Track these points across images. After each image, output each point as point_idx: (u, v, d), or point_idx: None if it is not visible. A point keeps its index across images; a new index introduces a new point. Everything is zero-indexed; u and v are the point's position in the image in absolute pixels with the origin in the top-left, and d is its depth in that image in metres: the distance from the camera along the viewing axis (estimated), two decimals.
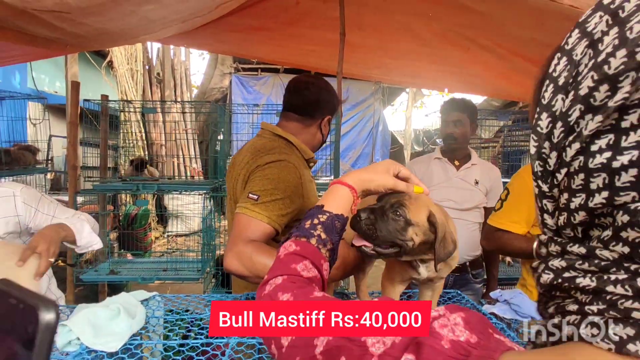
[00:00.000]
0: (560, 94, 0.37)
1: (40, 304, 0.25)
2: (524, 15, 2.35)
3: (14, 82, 6.30)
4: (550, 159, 0.38)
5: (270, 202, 1.16)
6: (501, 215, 1.59)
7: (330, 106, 1.45)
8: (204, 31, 3.17)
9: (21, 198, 1.37)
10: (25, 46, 2.56)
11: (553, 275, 0.39)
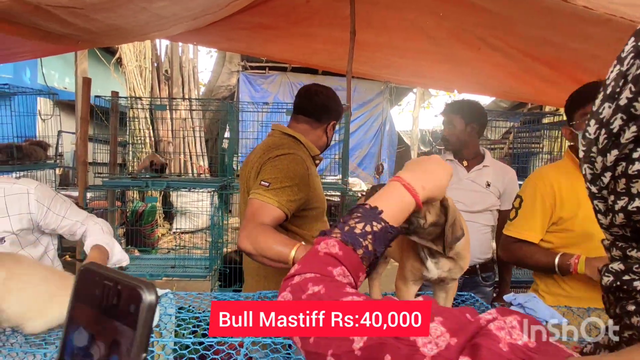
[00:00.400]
0: (607, 102, 0.38)
1: (142, 286, 0.27)
2: (536, 15, 2.33)
3: (24, 77, 6.36)
4: (597, 163, 0.40)
5: (280, 189, 1.27)
6: (517, 224, 1.55)
7: (336, 113, 1.61)
8: (213, 29, 3.18)
9: (34, 196, 1.37)
10: (37, 42, 2.58)
11: (613, 278, 0.41)
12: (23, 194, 1.35)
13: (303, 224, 1.45)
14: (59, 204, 1.43)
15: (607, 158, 0.38)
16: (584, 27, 2.12)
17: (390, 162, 8.00)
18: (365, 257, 0.59)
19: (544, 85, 3.18)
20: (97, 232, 1.44)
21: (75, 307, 0.30)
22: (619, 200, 0.38)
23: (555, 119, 3.95)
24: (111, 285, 0.28)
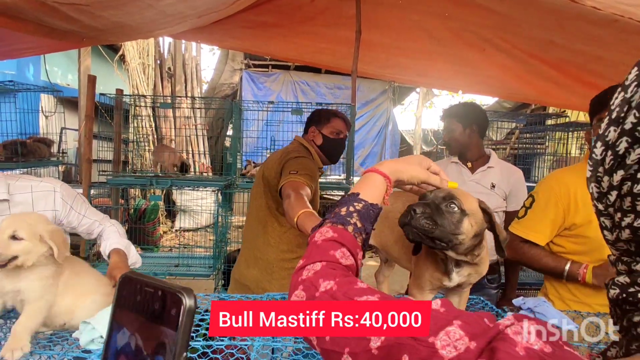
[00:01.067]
0: (612, 126, 0.42)
1: (182, 291, 0.30)
2: (542, 16, 2.32)
3: (27, 74, 6.36)
4: (604, 182, 0.43)
5: (305, 175, 1.58)
6: (525, 223, 1.52)
7: (312, 120, 1.96)
8: (217, 27, 3.17)
9: (60, 194, 1.41)
10: (42, 38, 2.57)
11: (619, 290, 0.44)
12: (50, 191, 1.39)
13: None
14: (79, 203, 1.48)
15: (613, 178, 0.41)
16: (589, 28, 2.11)
17: None
18: (357, 233, 0.64)
19: (548, 87, 3.17)
20: (114, 235, 1.47)
21: (117, 312, 0.33)
22: (625, 217, 0.41)
23: (559, 121, 3.94)
24: (152, 291, 0.31)
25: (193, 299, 0.30)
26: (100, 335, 0.88)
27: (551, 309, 1.01)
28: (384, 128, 7.83)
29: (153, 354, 0.30)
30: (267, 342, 0.88)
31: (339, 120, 1.96)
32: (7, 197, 1.33)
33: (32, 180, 1.42)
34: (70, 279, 1.08)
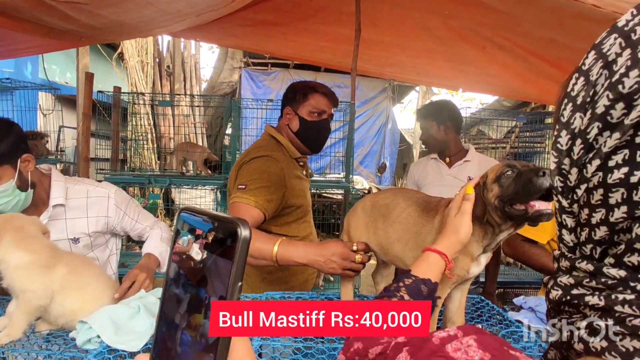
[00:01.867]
0: (578, 112, 0.39)
1: (238, 222, 0.30)
2: (543, 14, 2.31)
3: (25, 72, 6.33)
4: (571, 175, 0.40)
5: (256, 189, 1.31)
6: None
7: (286, 98, 1.58)
8: (216, 25, 3.16)
9: (114, 200, 1.43)
10: (40, 38, 2.56)
11: (561, 292, 0.41)
12: (104, 197, 1.42)
13: (284, 224, 1.46)
14: (132, 208, 1.50)
15: (587, 169, 0.38)
16: (590, 26, 2.10)
17: (392, 160, 7.98)
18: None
19: (549, 85, 3.16)
20: (155, 239, 1.48)
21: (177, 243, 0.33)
22: (594, 213, 0.38)
23: None
24: (209, 222, 0.32)
25: (248, 229, 0.30)
26: (97, 334, 0.88)
27: None
28: (384, 127, 7.82)
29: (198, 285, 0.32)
30: (266, 342, 0.87)
31: (319, 96, 1.52)
32: (64, 202, 1.36)
33: (90, 185, 1.44)
34: (70, 278, 1.07)
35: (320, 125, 1.53)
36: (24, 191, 1.28)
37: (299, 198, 1.47)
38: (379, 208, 1.00)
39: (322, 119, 1.53)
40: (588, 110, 0.38)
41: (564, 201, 0.41)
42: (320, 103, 1.52)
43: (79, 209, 1.38)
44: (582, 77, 0.39)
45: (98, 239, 1.46)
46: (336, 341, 0.93)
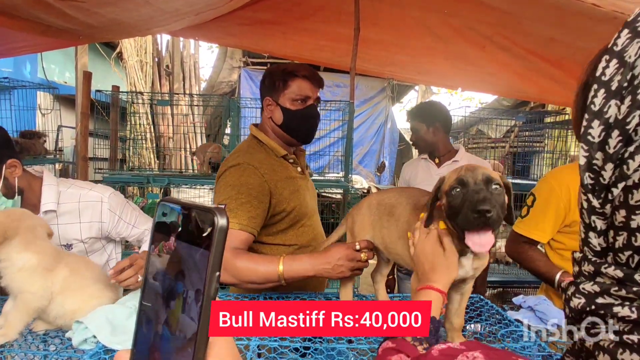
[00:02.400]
0: (613, 99, 0.34)
1: (214, 211, 0.30)
2: (543, 13, 2.31)
3: (24, 71, 6.32)
4: (605, 171, 0.35)
5: (237, 208, 1.18)
6: (528, 222, 1.53)
7: (264, 87, 1.40)
8: (215, 24, 3.15)
9: (107, 205, 1.36)
10: (38, 36, 2.55)
11: (585, 300, 0.36)
12: (97, 202, 1.35)
13: (277, 232, 1.32)
14: (129, 212, 1.42)
15: (626, 165, 0.33)
16: (590, 25, 2.10)
17: (391, 160, 7.97)
18: (417, 342, 0.67)
19: (549, 84, 3.15)
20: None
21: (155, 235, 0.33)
22: (634, 215, 0.33)
23: (558, 118, 3.93)
24: (186, 212, 0.31)
25: (225, 218, 0.30)
26: (93, 335, 0.87)
27: (552, 307, 1.00)
28: (383, 126, 7.81)
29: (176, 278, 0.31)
30: (264, 342, 0.87)
31: (300, 81, 1.34)
32: (55, 207, 1.30)
33: (83, 189, 1.37)
34: (71, 280, 1.06)
35: (307, 113, 1.35)
36: (10, 198, 1.24)
37: (289, 202, 1.32)
38: (384, 206, 1.00)
39: (307, 106, 1.35)
40: (626, 97, 0.33)
41: (595, 201, 0.36)
42: (303, 88, 1.34)
43: (71, 214, 1.32)
44: (614, 59, 0.35)
45: (94, 244, 1.41)
46: (334, 341, 0.92)
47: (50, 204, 1.29)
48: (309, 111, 1.36)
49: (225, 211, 0.30)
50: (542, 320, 0.97)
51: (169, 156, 6.77)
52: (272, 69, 1.40)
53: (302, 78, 1.34)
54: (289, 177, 1.35)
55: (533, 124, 4.07)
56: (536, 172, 4.02)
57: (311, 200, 1.45)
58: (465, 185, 0.77)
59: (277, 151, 1.36)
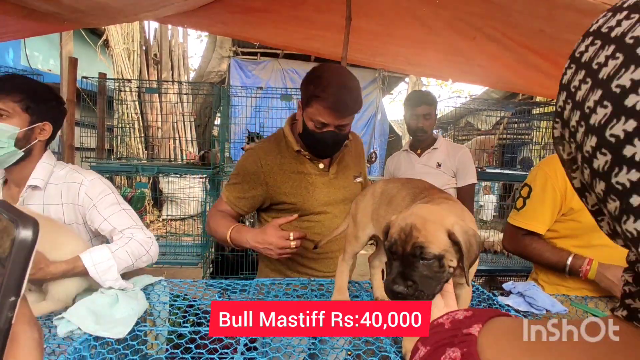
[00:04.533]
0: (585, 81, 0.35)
1: (18, 221, 0.24)
2: (533, 5, 2.31)
3: (7, 58, 6.14)
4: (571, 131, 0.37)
5: (232, 185, 1.42)
6: (525, 214, 1.49)
7: (303, 94, 1.35)
8: (205, 11, 3.09)
9: (85, 188, 1.29)
10: (21, 21, 2.47)
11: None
12: (76, 183, 1.29)
13: (276, 217, 1.37)
14: (106, 203, 1.30)
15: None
16: (579, 18, 2.12)
17: (381, 151, 7.99)
18: None
19: (537, 76, 3.18)
20: (113, 247, 1.21)
21: None
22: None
23: (546, 109, 3.97)
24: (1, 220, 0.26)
25: (30, 231, 0.24)
26: (78, 327, 0.86)
27: (540, 292, 1.02)
28: (373, 117, 7.82)
29: None
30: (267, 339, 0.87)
31: (321, 108, 1.27)
32: (42, 185, 1.27)
33: (73, 171, 1.33)
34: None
35: (321, 138, 1.31)
36: (19, 148, 1.23)
37: (289, 196, 1.36)
38: (386, 196, 1.00)
39: (324, 131, 1.30)
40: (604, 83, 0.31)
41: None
42: (321, 114, 1.27)
43: (56, 195, 1.29)
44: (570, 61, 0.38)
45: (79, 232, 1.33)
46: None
47: (37, 180, 1.26)
48: (325, 136, 1.31)
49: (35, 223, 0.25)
50: (531, 305, 0.99)
51: (157, 146, 6.68)
52: (310, 76, 1.33)
53: (324, 106, 1.26)
54: (297, 172, 1.38)
55: (522, 115, 4.11)
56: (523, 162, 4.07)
57: (326, 197, 1.42)
58: (393, 253, 0.73)
59: (292, 145, 1.40)
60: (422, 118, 2.39)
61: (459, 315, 0.45)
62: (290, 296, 1.13)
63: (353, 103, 1.28)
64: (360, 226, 1.05)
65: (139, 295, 1.00)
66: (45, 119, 1.28)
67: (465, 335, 0.41)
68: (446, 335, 0.43)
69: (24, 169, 1.27)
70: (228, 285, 1.16)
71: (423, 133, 2.42)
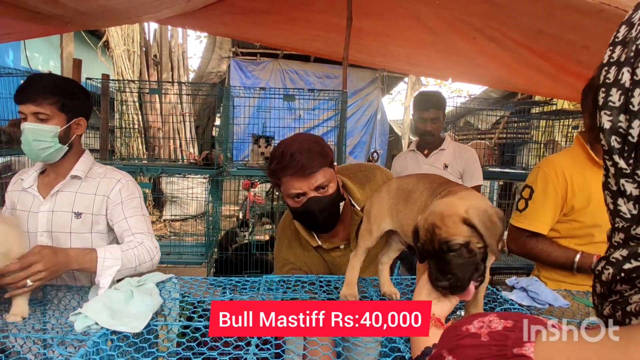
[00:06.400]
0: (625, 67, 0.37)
1: None
2: (532, 5, 2.34)
3: (7, 60, 6.14)
4: (633, 129, 0.35)
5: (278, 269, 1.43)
6: (528, 216, 1.48)
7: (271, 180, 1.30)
8: (206, 12, 3.11)
9: (120, 185, 1.44)
10: (24, 23, 2.49)
11: (612, 270, 0.37)
12: (115, 179, 1.44)
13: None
14: (132, 206, 1.43)
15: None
16: (577, 17, 2.14)
17: (381, 152, 8.01)
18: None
19: (536, 76, 3.21)
20: (124, 247, 1.30)
21: None
22: None
23: (546, 109, 4.00)
24: None
25: None
26: (95, 322, 0.88)
27: (543, 287, 1.05)
28: (373, 117, 7.84)
29: None
30: None
31: (287, 180, 1.21)
32: (82, 175, 1.42)
33: (111, 170, 1.49)
34: None
35: (305, 210, 1.22)
36: (63, 144, 1.37)
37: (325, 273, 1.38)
38: (402, 191, 1.02)
39: (305, 202, 1.21)
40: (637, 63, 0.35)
41: (623, 162, 0.36)
42: (291, 186, 1.20)
43: (92, 186, 1.42)
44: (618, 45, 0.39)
45: (98, 224, 1.41)
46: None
47: (79, 171, 1.41)
48: (308, 207, 1.21)
49: None
50: (534, 300, 1.01)
51: (158, 147, 6.69)
52: (270, 157, 1.28)
53: (287, 176, 1.20)
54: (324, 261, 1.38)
55: (521, 114, 4.14)
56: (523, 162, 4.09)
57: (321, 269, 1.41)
58: (426, 252, 0.78)
59: (310, 242, 1.35)
60: (430, 122, 2.39)
61: (495, 325, 0.40)
62: (298, 293, 1.15)
63: (316, 159, 1.19)
64: (374, 221, 1.06)
65: (154, 291, 1.02)
66: (80, 114, 1.42)
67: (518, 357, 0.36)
68: (488, 352, 0.37)
69: (66, 161, 1.42)
70: (237, 282, 1.18)
71: (430, 136, 2.42)
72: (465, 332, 0.41)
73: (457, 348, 0.40)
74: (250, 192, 5.29)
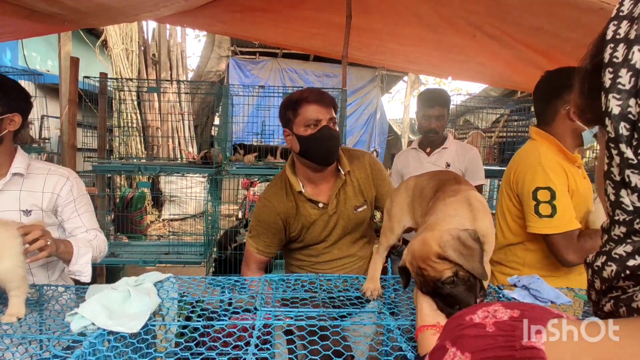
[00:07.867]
0: (636, 46, 0.33)
1: None
2: (532, 3, 2.33)
3: (4, 59, 6.12)
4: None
5: (257, 236, 1.50)
6: (563, 216, 1.37)
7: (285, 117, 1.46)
8: (205, 11, 3.10)
9: (70, 183, 1.45)
10: (21, 21, 2.47)
11: (616, 267, 0.34)
12: (63, 177, 1.44)
13: (296, 248, 1.56)
14: (83, 203, 1.48)
15: None
16: (577, 15, 2.13)
17: (380, 150, 8.01)
18: None
19: (537, 74, 3.18)
20: (85, 237, 1.43)
21: None
22: None
23: None
24: None
25: None
26: (92, 322, 0.86)
27: (545, 285, 1.04)
28: (373, 116, 7.83)
29: None
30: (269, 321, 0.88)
31: (308, 106, 1.38)
32: (24, 172, 1.38)
33: (53, 165, 1.48)
34: None
35: (320, 136, 1.37)
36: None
37: (299, 232, 1.49)
38: (418, 188, 1.05)
39: (320, 128, 1.37)
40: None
41: (629, 152, 0.33)
42: (312, 112, 1.37)
43: (37, 182, 1.41)
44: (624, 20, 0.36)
45: (49, 219, 1.43)
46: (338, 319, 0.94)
47: (20, 168, 1.38)
48: (323, 133, 1.38)
49: None
50: (536, 298, 1.00)
51: (156, 146, 6.68)
52: (284, 101, 1.46)
53: (311, 102, 1.38)
54: (304, 210, 1.47)
55: (521, 112, 4.13)
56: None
57: (324, 231, 1.51)
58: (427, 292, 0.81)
59: (295, 187, 1.47)
60: (434, 119, 2.37)
61: (501, 314, 0.38)
62: (298, 292, 1.14)
63: (330, 97, 1.44)
64: (395, 219, 1.09)
65: (151, 290, 1.01)
66: (15, 110, 1.35)
67: (528, 349, 0.33)
68: (495, 343, 0.35)
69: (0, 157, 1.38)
70: (236, 281, 1.17)
71: (435, 134, 2.40)
72: (469, 322, 0.39)
73: (461, 338, 0.38)
74: (250, 191, 5.29)
